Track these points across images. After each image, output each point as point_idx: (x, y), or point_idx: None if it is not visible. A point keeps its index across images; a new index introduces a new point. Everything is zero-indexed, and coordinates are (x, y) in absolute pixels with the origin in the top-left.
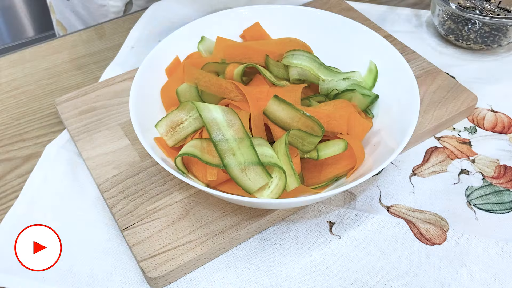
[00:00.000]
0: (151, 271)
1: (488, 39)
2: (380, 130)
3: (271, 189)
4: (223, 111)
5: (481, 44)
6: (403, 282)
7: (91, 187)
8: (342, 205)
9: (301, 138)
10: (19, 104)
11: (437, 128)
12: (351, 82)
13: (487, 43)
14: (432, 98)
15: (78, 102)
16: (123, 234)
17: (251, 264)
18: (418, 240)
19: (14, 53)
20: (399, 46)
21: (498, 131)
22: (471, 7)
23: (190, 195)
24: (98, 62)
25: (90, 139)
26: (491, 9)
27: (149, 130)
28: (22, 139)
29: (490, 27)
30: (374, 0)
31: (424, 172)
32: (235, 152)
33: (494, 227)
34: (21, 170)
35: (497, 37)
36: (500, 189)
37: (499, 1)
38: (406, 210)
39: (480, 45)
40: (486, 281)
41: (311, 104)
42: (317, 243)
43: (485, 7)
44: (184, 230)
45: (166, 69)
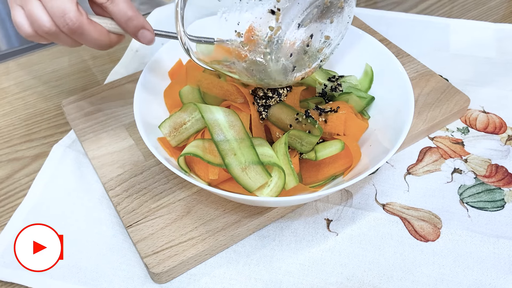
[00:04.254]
0: (155, 267)
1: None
2: (376, 130)
3: (270, 188)
4: (225, 113)
5: None
6: (399, 277)
7: (96, 185)
8: (339, 203)
9: (300, 138)
10: (27, 105)
11: (431, 129)
12: (347, 85)
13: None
14: (426, 99)
15: (84, 104)
16: (127, 231)
17: (251, 260)
18: (413, 237)
19: (22, 57)
20: (394, 49)
21: (490, 131)
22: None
23: (192, 193)
24: (104, 65)
25: (95, 139)
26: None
27: (153, 131)
28: (30, 139)
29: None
30: (370, 4)
31: (419, 171)
32: (236, 152)
33: (486, 224)
34: (29, 169)
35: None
36: (491, 187)
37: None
38: (401, 208)
39: None
40: (478, 276)
41: (309, 106)
42: (315, 240)
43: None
44: (186, 227)
45: (169, 71)
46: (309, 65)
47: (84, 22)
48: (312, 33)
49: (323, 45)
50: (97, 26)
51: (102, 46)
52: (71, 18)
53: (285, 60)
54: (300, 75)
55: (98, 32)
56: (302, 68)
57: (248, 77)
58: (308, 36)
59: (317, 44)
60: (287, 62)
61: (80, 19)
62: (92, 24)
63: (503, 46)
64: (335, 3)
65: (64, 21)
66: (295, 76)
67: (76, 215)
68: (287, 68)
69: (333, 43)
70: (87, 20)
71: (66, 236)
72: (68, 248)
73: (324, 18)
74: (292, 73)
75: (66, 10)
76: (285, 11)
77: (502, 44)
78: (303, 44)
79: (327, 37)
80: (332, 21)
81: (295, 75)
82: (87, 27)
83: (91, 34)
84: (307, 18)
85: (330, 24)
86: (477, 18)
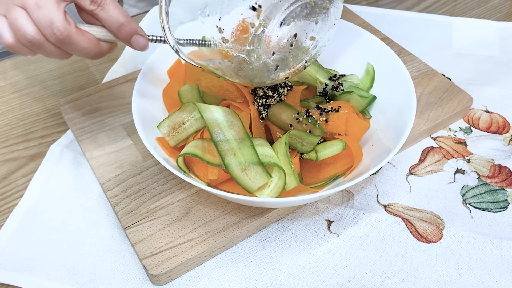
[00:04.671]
0: (153, 269)
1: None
2: (378, 130)
3: (270, 188)
4: (224, 112)
5: None
6: (400, 279)
7: (94, 186)
8: (340, 204)
9: (301, 138)
10: (24, 105)
11: (433, 129)
12: (348, 84)
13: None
14: (428, 99)
15: (81, 103)
16: (125, 232)
17: (251, 262)
18: (415, 238)
19: (19, 56)
20: (396, 48)
21: (493, 131)
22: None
23: (191, 194)
24: (101, 64)
25: (93, 139)
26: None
27: (152, 131)
28: (27, 139)
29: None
30: (372, 2)
31: (421, 171)
32: (235, 152)
33: (489, 225)
34: (26, 169)
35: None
36: (495, 188)
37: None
38: (403, 209)
39: None
40: (481, 278)
41: (310, 105)
42: (315, 241)
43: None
44: (185, 229)
45: (168, 70)
46: (293, 65)
47: (72, 31)
48: (296, 33)
49: (308, 46)
50: (87, 35)
51: (92, 56)
52: (59, 27)
53: (267, 58)
54: (283, 74)
55: (87, 41)
56: (286, 67)
57: (231, 74)
58: (291, 36)
59: (302, 44)
60: (270, 61)
61: (68, 29)
62: (81, 33)
63: (506, 45)
64: (320, 4)
65: (52, 31)
66: (279, 75)
67: (73, 216)
68: (269, 66)
69: (318, 44)
70: (76, 29)
71: (64, 238)
72: (65, 250)
73: (309, 18)
74: (276, 72)
75: (53, 20)
76: (266, 8)
77: (505, 42)
78: (287, 43)
79: (312, 38)
80: (317, 21)
81: (279, 74)
82: (76, 37)
83: (80, 44)
84: (290, 17)
85: (315, 24)
86: (480, 17)
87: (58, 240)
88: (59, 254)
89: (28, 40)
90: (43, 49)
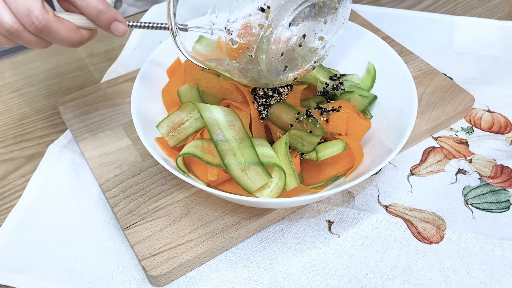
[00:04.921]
0: (153, 270)
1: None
2: (379, 130)
3: (271, 189)
4: (224, 112)
5: None
6: (401, 280)
7: (93, 186)
8: (341, 204)
9: (301, 138)
10: (22, 104)
11: (435, 129)
12: (349, 84)
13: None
14: (430, 98)
15: (80, 103)
16: (124, 233)
17: (251, 263)
18: (416, 239)
19: (17, 55)
20: (397, 47)
21: (495, 131)
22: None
23: (191, 194)
24: (100, 63)
25: (92, 139)
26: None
27: (151, 131)
28: (25, 139)
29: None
30: (373, 1)
31: (422, 171)
32: (235, 152)
33: (491, 226)
34: (24, 170)
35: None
36: (496, 188)
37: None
38: (404, 209)
39: None
40: (483, 279)
41: (310, 105)
42: (316, 242)
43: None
44: (185, 229)
45: (168, 70)
46: (302, 65)
47: (51, 19)
48: (305, 33)
49: (317, 46)
50: (66, 23)
51: (73, 44)
52: (37, 16)
53: (276, 59)
54: (292, 75)
55: (66, 29)
56: (294, 68)
57: (239, 75)
58: (300, 36)
59: (310, 45)
60: (278, 62)
61: (47, 17)
62: (60, 21)
63: (508, 44)
64: (328, 4)
65: (30, 20)
66: (288, 76)
67: (72, 217)
68: (278, 67)
69: (327, 45)
70: (54, 18)
71: (62, 238)
72: (64, 250)
73: (317, 18)
74: (284, 73)
75: (31, 9)
76: (275, 9)
77: (507, 42)
78: (296, 44)
79: (321, 38)
80: (326, 21)
81: (288, 75)
82: (55, 25)
83: (59, 32)
84: (299, 17)
85: (324, 24)
86: (482, 16)
87: (56, 240)
88: (57, 255)
89: (6, 29)
90: (21, 38)
